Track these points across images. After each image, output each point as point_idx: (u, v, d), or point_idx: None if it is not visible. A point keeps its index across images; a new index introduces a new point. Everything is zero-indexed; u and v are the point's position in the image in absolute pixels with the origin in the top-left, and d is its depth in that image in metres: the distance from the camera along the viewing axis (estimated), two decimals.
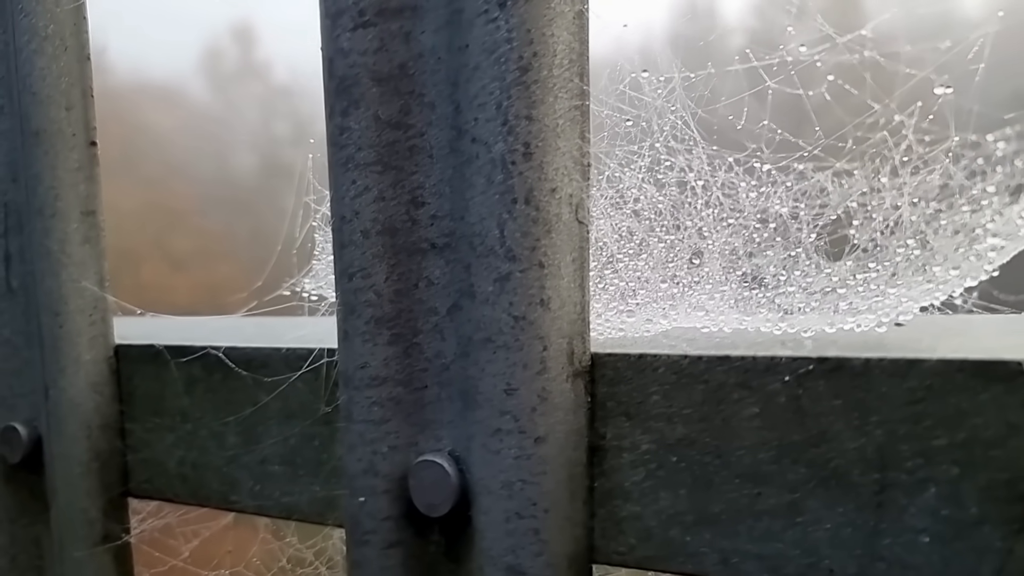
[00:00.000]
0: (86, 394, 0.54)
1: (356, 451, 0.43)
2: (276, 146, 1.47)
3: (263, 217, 1.24)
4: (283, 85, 1.62)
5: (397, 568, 0.43)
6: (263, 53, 1.70)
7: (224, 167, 1.26)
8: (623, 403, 0.39)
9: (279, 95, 1.56)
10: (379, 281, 0.41)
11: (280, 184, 0.52)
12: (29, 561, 0.60)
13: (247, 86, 1.71)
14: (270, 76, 1.80)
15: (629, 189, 0.36)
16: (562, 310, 0.38)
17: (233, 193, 1.20)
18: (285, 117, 1.55)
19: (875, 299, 0.34)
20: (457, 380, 0.41)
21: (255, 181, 1.27)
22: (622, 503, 0.40)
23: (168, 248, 1.28)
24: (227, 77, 1.65)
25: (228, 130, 1.33)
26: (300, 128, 1.39)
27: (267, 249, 0.53)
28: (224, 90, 1.56)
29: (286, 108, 1.53)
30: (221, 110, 1.47)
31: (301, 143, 0.55)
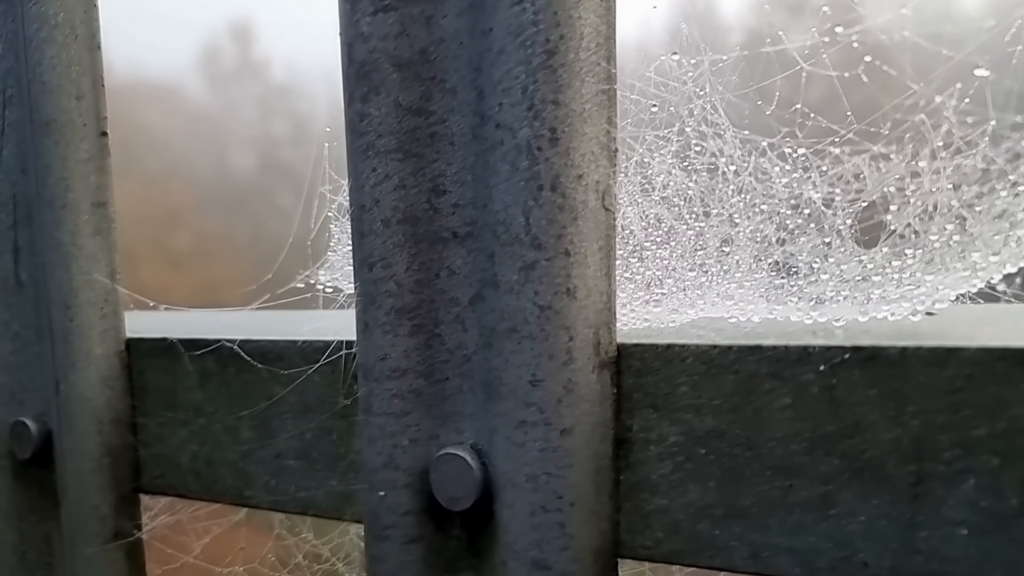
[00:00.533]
0: (97, 388, 0.53)
1: (376, 444, 0.42)
2: (275, 145, 1.46)
3: (262, 216, 1.23)
4: (282, 84, 1.61)
5: (417, 563, 0.43)
6: (261, 52, 1.70)
7: (222, 166, 1.25)
8: (650, 394, 0.39)
9: (277, 94, 1.55)
10: (400, 271, 0.41)
11: (279, 183, 0.52)
12: (39, 558, 0.59)
13: (245, 85, 1.70)
14: (268, 75, 1.79)
15: (658, 175, 0.36)
16: (588, 299, 0.37)
17: (232, 192, 1.20)
18: (284, 116, 1.55)
19: (910, 287, 0.33)
20: (480, 372, 0.40)
21: (254, 180, 1.26)
22: (649, 496, 0.39)
23: (167, 247, 1.27)
24: (225, 76, 1.64)
25: (226, 129, 1.32)
26: (299, 127, 1.38)
27: (266, 248, 0.53)
28: (222, 89, 1.56)
29: (284, 107, 1.53)
30: (219, 109, 1.46)
31: (300, 142, 0.53)
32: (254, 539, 0.56)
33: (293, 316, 0.54)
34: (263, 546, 0.55)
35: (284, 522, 0.55)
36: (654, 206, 0.36)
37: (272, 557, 0.55)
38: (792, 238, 0.34)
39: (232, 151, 1.30)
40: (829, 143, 0.31)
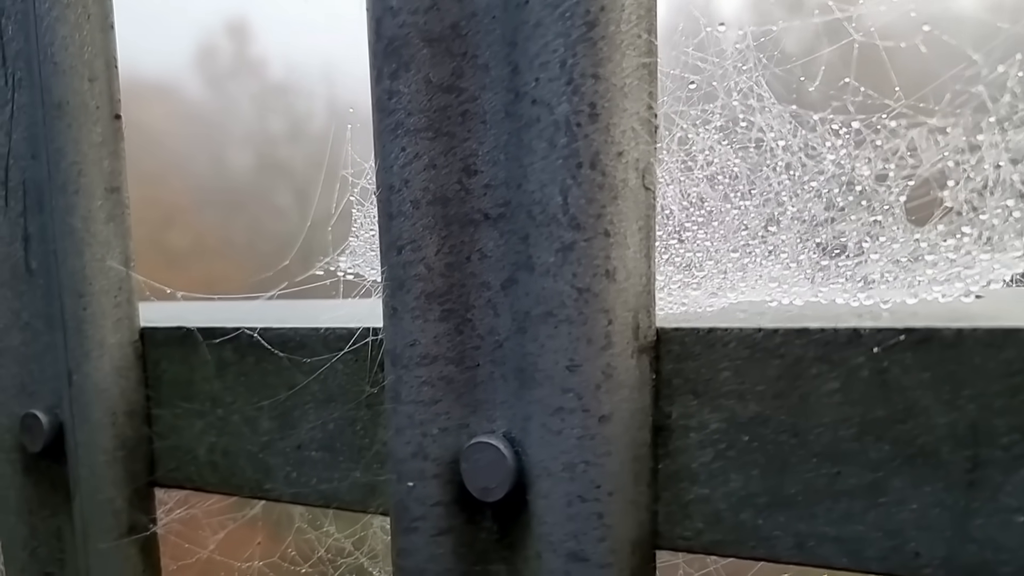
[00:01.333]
0: (111, 379, 0.52)
1: (404, 434, 0.41)
2: (272, 143, 1.45)
3: (259, 214, 1.23)
4: (279, 82, 1.60)
5: (447, 556, 0.42)
6: (258, 49, 1.69)
7: (219, 164, 1.25)
8: (690, 380, 0.38)
9: (274, 92, 1.54)
10: (430, 254, 0.40)
11: (276, 181, 0.51)
12: (50, 554, 0.58)
13: (242, 83, 1.69)
14: (265, 73, 1.78)
15: (702, 152, 0.35)
16: (628, 282, 0.36)
17: (229, 190, 1.19)
18: (281, 114, 1.54)
19: (963, 267, 0.32)
20: (512, 358, 0.39)
21: (251, 178, 1.25)
22: (688, 485, 0.38)
23: (164, 245, 1.26)
24: (222, 74, 1.63)
25: (223, 127, 1.31)
26: (296, 125, 1.37)
27: (263, 246, 0.51)
28: (219, 87, 1.55)
29: (281, 105, 1.52)
30: (216, 107, 1.45)
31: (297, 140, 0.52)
32: (273, 533, 0.55)
33: (312, 305, 0.53)
34: (282, 540, 0.54)
35: (305, 515, 0.54)
36: (696, 185, 0.35)
37: (292, 551, 0.54)
38: (841, 216, 0.33)
39: (229, 149, 1.29)
40: (883, 116, 0.30)
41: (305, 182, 0.49)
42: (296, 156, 1.47)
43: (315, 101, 1.43)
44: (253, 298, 0.48)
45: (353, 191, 0.48)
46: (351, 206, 0.48)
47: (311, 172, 0.51)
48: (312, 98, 1.42)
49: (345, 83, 1.24)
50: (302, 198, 1.17)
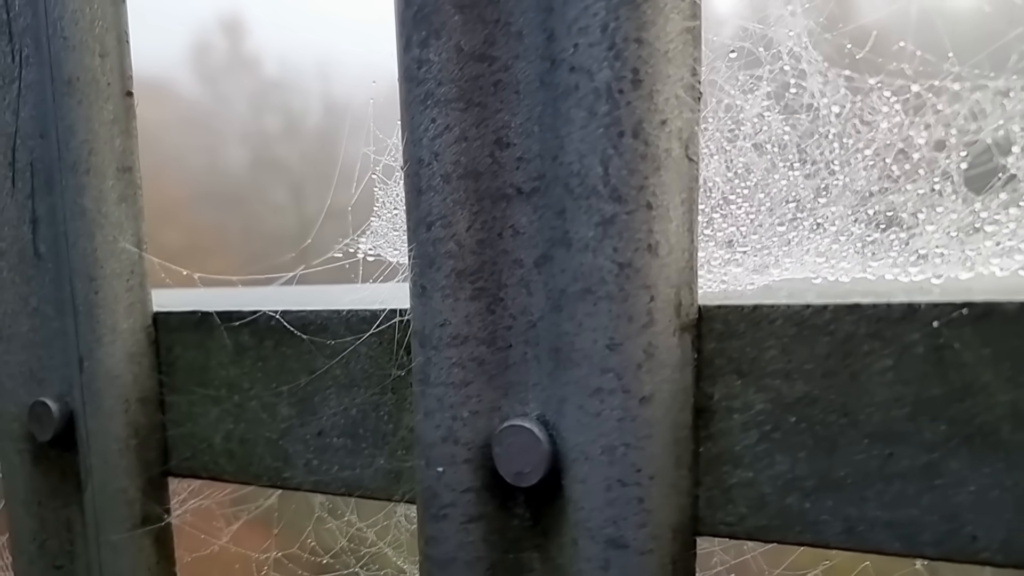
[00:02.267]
0: (124, 365, 0.51)
1: (434, 417, 0.40)
2: (267, 140, 1.44)
3: (255, 212, 1.21)
4: (274, 78, 1.59)
5: (477, 544, 0.40)
6: (253, 46, 1.68)
7: (215, 162, 1.24)
8: (734, 360, 0.36)
9: (270, 88, 1.53)
10: (460, 230, 0.38)
11: (271, 178, 0.50)
12: (59, 546, 0.57)
13: (237, 80, 1.68)
14: (260, 70, 1.77)
15: (750, 119, 0.33)
16: (670, 256, 0.35)
17: (224, 188, 1.18)
18: (276, 111, 1.53)
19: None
20: (547, 338, 0.38)
21: (246, 175, 1.24)
22: (731, 469, 0.37)
23: (159, 242, 1.25)
24: (216, 71, 1.62)
25: (218, 124, 1.30)
26: (291, 122, 1.36)
27: (258, 244, 0.50)
28: (214, 84, 1.54)
29: (277, 102, 1.51)
30: (211, 104, 1.44)
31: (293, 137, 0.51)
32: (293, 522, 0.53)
33: (330, 289, 0.52)
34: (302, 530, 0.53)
35: (325, 504, 0.53)
36: (743, 155, 0.34)
37: (312, 542, 0.53)
38: (896, 186, 0.32)
39: (225, 147, 1.28)
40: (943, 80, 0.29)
41: (301, 179, 0.48)
42: (292, 153, 1.47)
43: (310, 98, 1.42)
44: (276, 277, 0.46)
45: (376, 169, 0.46)
46: (372, 185, 0.47)
47: (307, 169, 0.49)
48: (307, 95, 1.42)
49: (340, 80, 1.22)
50: (298, 195, 1.16)
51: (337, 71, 1.27)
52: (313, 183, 1.21)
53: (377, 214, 0.48)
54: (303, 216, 1.18)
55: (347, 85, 1.23)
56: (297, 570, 0.53)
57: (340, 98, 1.31)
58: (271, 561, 0.53)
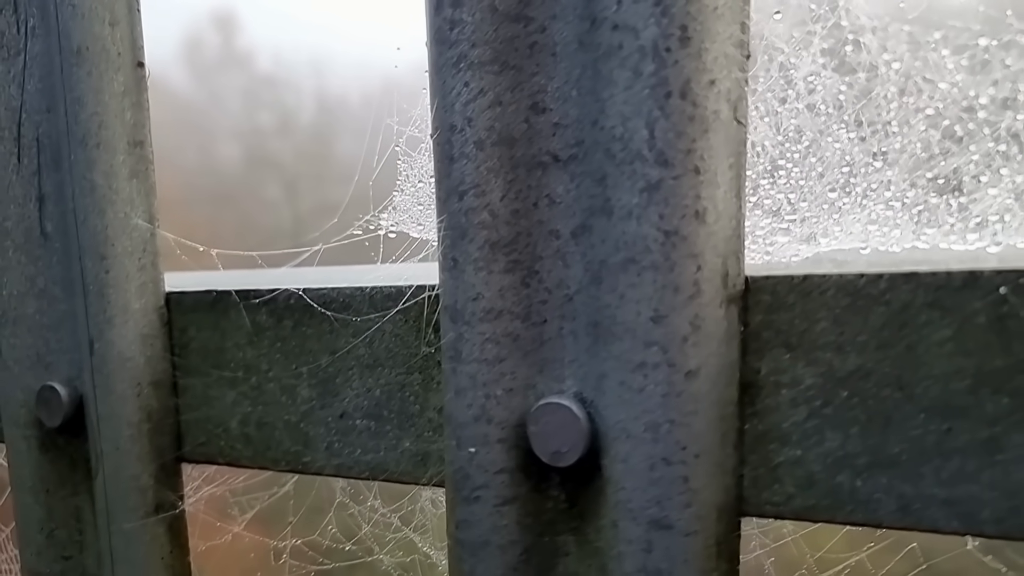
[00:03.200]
0: (136, 347, 0.49)
1: (466, 396, 0.39)
2: (260, 137, 1.43)
3: (248, 208, 1.20)
4: (267, 74, 1.58)
5: (511, 527, 0.39)
6: (245, 42, 1.66)
7: (208, 158, 1.22)
8: (782, 332, 0.35)
9: (263, 84, 1.52)
10: (494, 200, 0.37)
11: (265, 175, 0.48)
12: (68, 536, 0.55)
13: (230, 76, 1.66)
14: (253, 65, 1.75)
15: (803, 78, 0.32)
16: (717, 224, 0.34)
17: (217, 184, 1.16)
18: (269, 107, 1.51)
19: None
20: (584, 312, 0.37)
21: (240, 172, 1.23)
22: (779, 447, 0.36)
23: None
24: (209, 66, 1.60)
25: (211, 121, 1.28)
26: (285, 119, 1.34)
27: (250, 241, 0.49)
28: (206, 80, 1.52)
29: (270, 98, 1.49)
30: (203, 100, 1.43)
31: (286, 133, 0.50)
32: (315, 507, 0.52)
33: (350, 270, 0.50)
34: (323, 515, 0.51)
35: (347, 490, 0.52)
36: (795, 116, 0.33)
37: (333, 528, 0.52)
38: (959, 148, 0.30)
39: (217, 143, 1.26)
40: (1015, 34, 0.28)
41: (295, 175, 0.46)
42: (285, 149, 1.45)
43: (304, 94, 1.40)
44: (296, 253, 0.45)
45: (399, 140, 0.45)
46: (395, 157, 0.45)
47: (301, 165, 0.48)
48: (301, 91, 1.40)
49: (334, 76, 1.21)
50: (292, 191, 1.15)
51: (330, 66, 1.25)
52: (307, 180, 1.20)
53: (400, 188, 0.46)
54: (297, 213, 1.17)
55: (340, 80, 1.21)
56: (318, 557, 0.52)
57: (334, 94, 1.29)
58: (289, 549, 0.52)
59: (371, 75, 0.98)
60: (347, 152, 0.45)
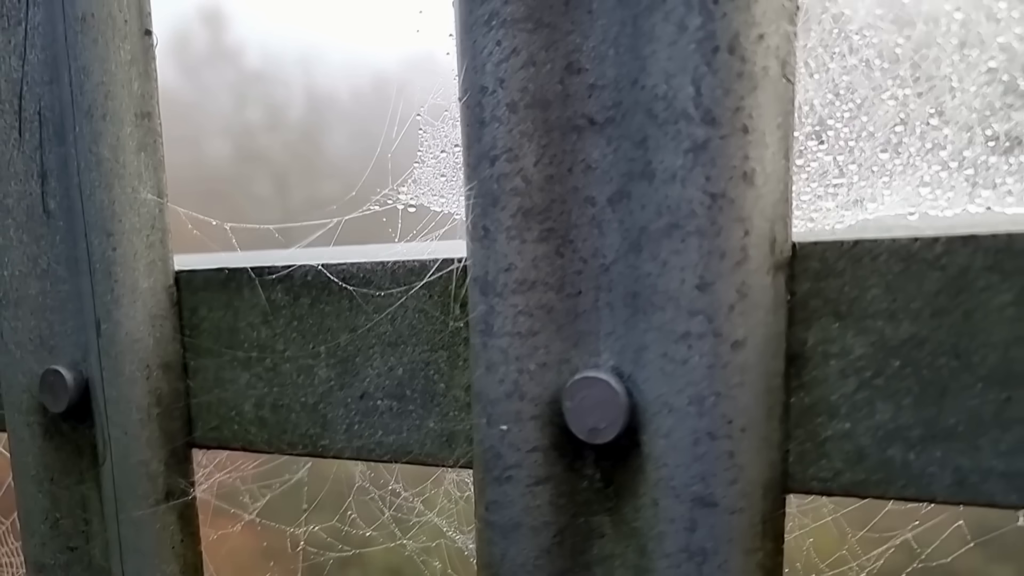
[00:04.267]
0: (145, 328, 0.48)
1: (497, 371, 0.37)
2: (249, 133, 1.41)
3: (237, 205, 1.18)
4: (256, 70, 1.56)
5: (544, 508, 0.38)
6: (234, 37, 1.64)
7: (196, 154, 1.21)
8: (831, 301, 0.34)
9: (252, 80, 1.49)
10: (528, 164, 0.35)
11: (254, 171, 0.47)
12: (74, 526, 0.54)
13: (218, 71, 1.64)
14: (242, 61, 1.73)
15: (860, 31, 0.31)
16: (766, 187, 0.33)
17: (206, 180, 1.15)
18: (258, 103, 1.49)
19: None
20: (621, 282, 0.35)
21: (229, 168, 1.21)
22: (827, 420, 0.34)
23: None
24: (197, 62, 1.58)
25: (200, 116, 1.27)
26: (274, 114, 1.32)
27: (240, 238, 0.47)
28: (194, 76, 1.50)
29: (259, 93, 1.47)
30: (191, 96, 1.41)
31: (275, 129, 0.48)
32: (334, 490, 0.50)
33: (366, 249, 0.49)
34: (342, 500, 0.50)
35: (367, 473, 0.50)
36: (847, 72, 0.31)
37: (352, 514, 0.50)
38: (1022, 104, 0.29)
39: (206, 139, 1.24)
40: None
41: (284, 171, 0.45)
42: (274, 145, 1.43)
43: (293, 90, 1.38)
44: (315, 225, 0.43)
45: (421, 109, 0.43)
46: (416, 126, 0.44)
47: (290, 161, 0.47)
48: (290, 87, 1.38)
49: (323, 71, 1.19)
50: (281, 187, 1.13)
51: (320, 63, 1.23)
52: (296, 175, 1.19)
53: (420, 160, 0.45)
54: (287, 209, 1.15)
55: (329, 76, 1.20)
56: (336, 544, 0.51)
57: (323, 90, 1.27)
58: (307, 535, 0.51)
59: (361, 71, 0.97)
60: (337, 148, 0.44)
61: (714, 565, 0.35)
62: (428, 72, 0.43)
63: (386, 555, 0.52)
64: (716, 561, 0.35)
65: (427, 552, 0.48)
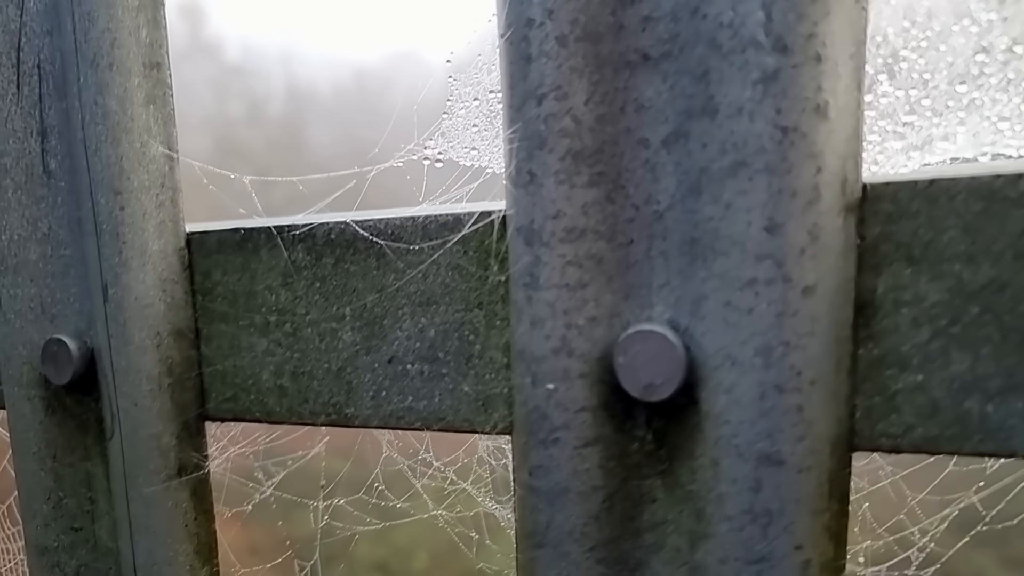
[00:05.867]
0: (155, 293, 0.45)
1: (543, 326, 0.35)
2: (229, 127, 1.37)
3: (218, 201, 1.15)
4: (235, 64, 1.54)
5: (593, 471, 0.36)
6: (213, 31, 1.60)
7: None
8: (904, 245, 0.32)
9: (231, 74, 1.46)
10: (578, 103, 0.33)
11: (235, 166, 0.45)
12: (78, 505, 0.51)
13: (197, 65, 1.61)
14: (221, 55, 1.69)
15: None
16: (839, 121, 0.30)
17: (186, 174, 1.12)
18: (238, 97, 1.46)
19: None
20: (676, 229, 0.33)
21: (208, 162, 1.18)
22: (897, 373, 0.33)
23: None
24: (175, 55, 1.55)
25: (179, 110, 1.23)
26: (254, 108, 1.29)
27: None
28: (173, 69, 1.46)
29: (239, 88, 1.44)
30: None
31: (256, 123, 0.46)
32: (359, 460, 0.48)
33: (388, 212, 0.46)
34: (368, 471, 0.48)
35: (394, 443, 0.48)
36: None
37: (380, 485, 0.48)
38: None
39: (184, 133, 1.21)
40: None
41: (265, 166, 0.43)
42: (255, 138, 1.40)
43: (273, 84, 1.35)
44: (343, 176, 0.41)
45: (451, 54, 0.41)
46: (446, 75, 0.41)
47: (271, 155, 0.45)
48: (270, 81, 1.35)
49: (303, 65, 1.16)
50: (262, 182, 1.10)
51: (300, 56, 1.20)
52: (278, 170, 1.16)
53: (449, 111, 0.42)
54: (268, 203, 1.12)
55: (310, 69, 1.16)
56: (364, 517, 0.48)
57: (303, 84, 1.24)
58: (331, 510, 0.48)
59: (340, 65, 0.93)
60: (318, 141, 0.42)
61: (780, 527, 0.33)
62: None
63: (373, 549, 0.50)
64: (782, 523, 0.33)
65: (462, 523, 0.46)
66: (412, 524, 0.49)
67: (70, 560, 0.52)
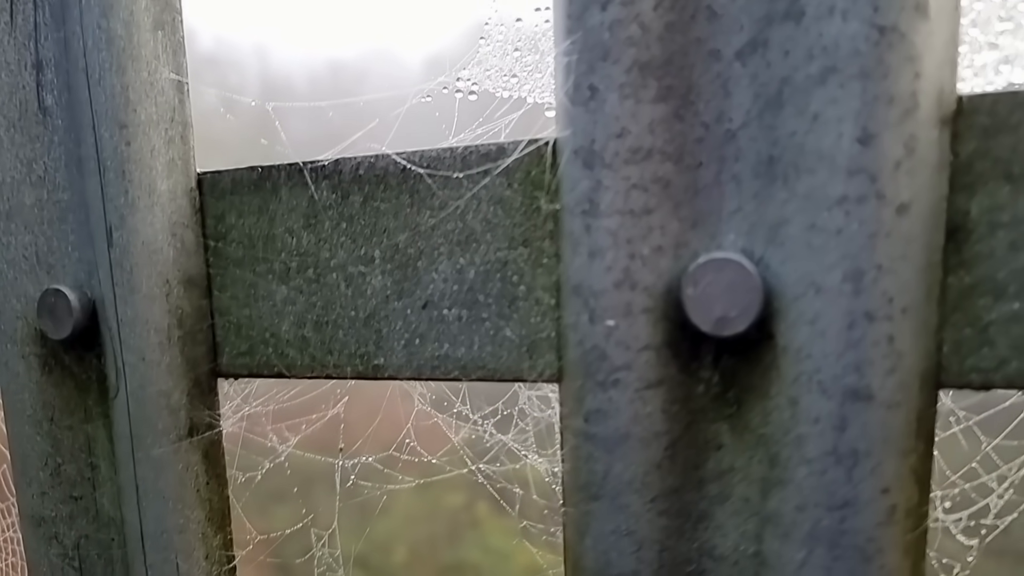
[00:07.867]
0: (164, 237, 0.42)
1: (604, 257, 0.32)
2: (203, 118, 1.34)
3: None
4: (208, 53, 1.51)
5: (655, 416, 0.33)
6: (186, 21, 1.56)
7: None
8: (1002, 161, 0.29)
9: (204, 64, 1.43)
10: (646, 8, 0.30)
11: (208, 158, 0.42)
12: (78, 472, 0.48)
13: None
14: (194, 44, 1.65)
15: None
16: (938, 22, 0.28)
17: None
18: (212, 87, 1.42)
19: None
20: (751, 149, 0.30)
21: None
22: (991, 302, 0.30)
23: None
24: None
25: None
26: (228, 99, 1.26)
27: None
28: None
29: (213, 78, 1.40)
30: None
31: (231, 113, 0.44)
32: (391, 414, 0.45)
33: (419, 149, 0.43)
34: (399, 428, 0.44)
35: (427, 396, 0.45)
36: None
37: (411, 441, 0.45)
38: None
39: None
40: None
41: (239, 158, 0.40)
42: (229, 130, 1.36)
43: (246, 75, 1.32)
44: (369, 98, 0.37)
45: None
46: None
47: (244, 148, 0.42)
48: (243, 71, 1.31)
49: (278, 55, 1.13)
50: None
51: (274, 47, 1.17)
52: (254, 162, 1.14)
53: (486, 36, 0.39)
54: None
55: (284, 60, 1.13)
56: (396, 475, 0.45)
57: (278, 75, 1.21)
58: (359, 468, 0.45)
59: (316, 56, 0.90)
60: (293, 134, 0.39)
61: (866, 469, 0.30)
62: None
63: (350, 543, 0.48)
64: (868, 464, 0.30)
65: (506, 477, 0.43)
66: (391, 518, 0.46)
67: (69, 531, 0.49)
